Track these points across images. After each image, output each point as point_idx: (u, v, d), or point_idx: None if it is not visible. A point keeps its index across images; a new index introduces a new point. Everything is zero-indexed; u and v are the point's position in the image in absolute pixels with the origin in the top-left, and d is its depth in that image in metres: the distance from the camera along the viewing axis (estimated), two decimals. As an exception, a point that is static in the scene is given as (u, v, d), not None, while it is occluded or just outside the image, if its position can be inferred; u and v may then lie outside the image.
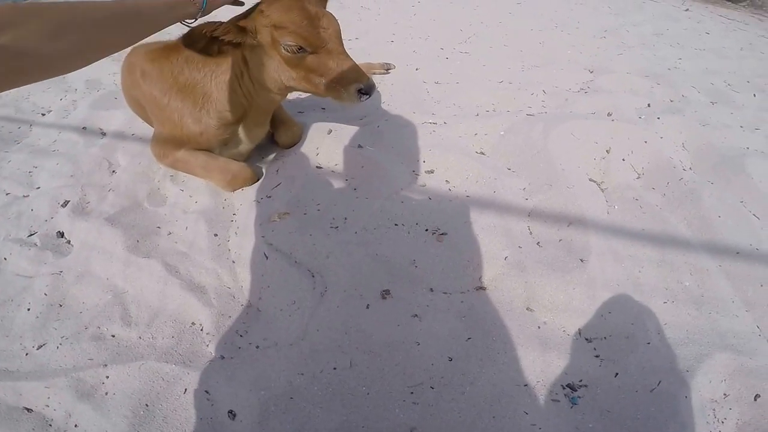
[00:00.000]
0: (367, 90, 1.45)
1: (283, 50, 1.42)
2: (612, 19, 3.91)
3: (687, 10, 4.44)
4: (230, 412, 1.09)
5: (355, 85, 1.44)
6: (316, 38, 1.41)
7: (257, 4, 1.46)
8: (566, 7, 4.37)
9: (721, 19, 4.22)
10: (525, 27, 3.70)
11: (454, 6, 4.52)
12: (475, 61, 2.92)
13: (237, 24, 1.41)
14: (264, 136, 1.92)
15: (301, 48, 1.40)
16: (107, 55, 0.94)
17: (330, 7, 1.60)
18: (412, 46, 3.29)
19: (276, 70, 1.51)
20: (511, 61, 2.89)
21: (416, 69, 2.79)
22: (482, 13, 4.21)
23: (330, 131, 2.02)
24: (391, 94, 2.41)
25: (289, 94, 1.76)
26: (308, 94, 2.20)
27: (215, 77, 1.62)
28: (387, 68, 2.77)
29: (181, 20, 1.21)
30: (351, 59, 1.48)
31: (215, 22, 1.35)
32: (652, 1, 4.77)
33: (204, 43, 1.38)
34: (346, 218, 1.58)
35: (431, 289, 1.33)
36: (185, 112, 1.66)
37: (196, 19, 1.28)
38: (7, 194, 2.04)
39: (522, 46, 3.19)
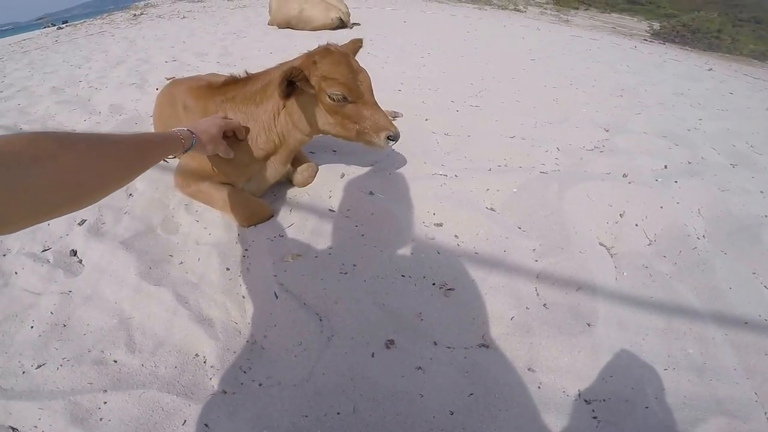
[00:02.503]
0: (394, 137, 1.63)
1: (327, 98, 1.59)
2: (630, 78, 3.91)
3: (710, 69, 4.44)
4: (228, 448, 1.08)
5: (384, 132, 1.62)
6: (357, 90, 1.60)
7: (307, 57, 1.63)
8: (582, 65, 4.42)
9: (746, 78, 4.21)
10: (539, 83, 3.73)
11: (465, 60, 4.62)
12: (487, 115, 2.94)
13: (304, 72, 1.56)
14: (284, 174, 1.99)
15: (344, 97, 1.58)
16: (114, 190, 0.94)
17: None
18: (421, 97, 3.33)
19: (316, 115, 1.67)
20: (523, 117, 2.90)
21: (425, 120, 2.83)
22: (494, 68, 4.28)
23: (342, 175, 2.08)
24: (401, 143, 2.40)
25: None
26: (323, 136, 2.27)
27: (254, 117, 1.74)
28: (394, 116, 2.83)
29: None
30: (382, 110, 1.66)
31: (299, 69, 1.53)
32: (674, 60, 4.80)
33: (285, 85, 1.55)
34: (355, 265, 1.60)
35: (435, 343, 1.33)
36: None
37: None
38: (25, 208, 2.08)
39: (535, 103, 3.21)
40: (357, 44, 1.85)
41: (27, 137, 0.69)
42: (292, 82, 1.56)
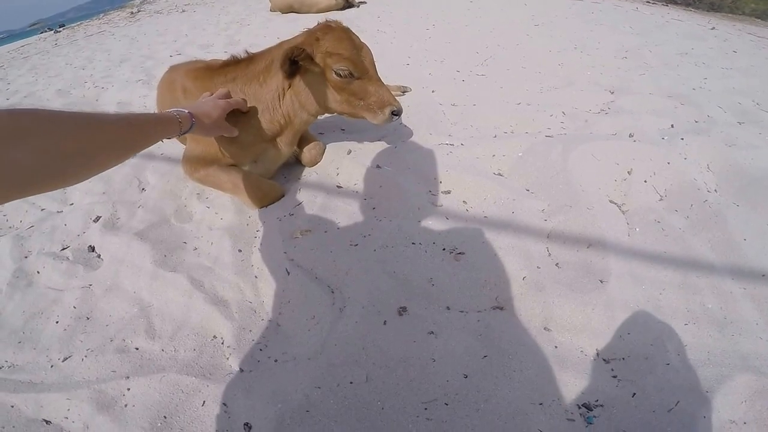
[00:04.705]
0: (398, 112, 1.66)
1: (334, 75, 1.60)
2: (633, 39, 3.80)
3: (713, 28, 4.29)
4: (246, 424, 1.10)
5: (389, 108, 1.65)
6: (362, 65, 1.62)
7: (309, 34, 1.64)
8: (585, 27, 4.31)
9: (750, 37, 4.05)
10: (543, 49, 3.66)
11: (470, 29, 4.56)
12: (492, 83, 2.91)
13: (306, 50, 1.57)
14: (291, 154, 2.00)
15: (351, 73, 1.59)
16: (105, 169, 0.92)
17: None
18: (428, 69, 3.33)
19: (322, 94, 1.68)
20: (529, 83, 2.86)
21: (432, 91, 2.81)
22: (498, 35, 4.22)
23: (349, 152, 2.08)
24: (408, 116, 2.44)
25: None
26: (331, 116, 2.26)
27: (258, 98, 1.73)
28: (403, 91, 2.82)
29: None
30: (385, 85, 1.68)
31: (300, 48, 1.55)
32: (676, 20, 4.64)
33: (287, 64, 1.56)
34: (365, 236, 1.60)
35: (448, 308, 1.33)
36: None
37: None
38: (42, 210, 2.15)
39: (540, 68, 3.16)
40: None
41: (7, 113, 0.67)
42: (295, 61, 1.57)
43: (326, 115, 1.83)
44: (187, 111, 1.37)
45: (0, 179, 0.64)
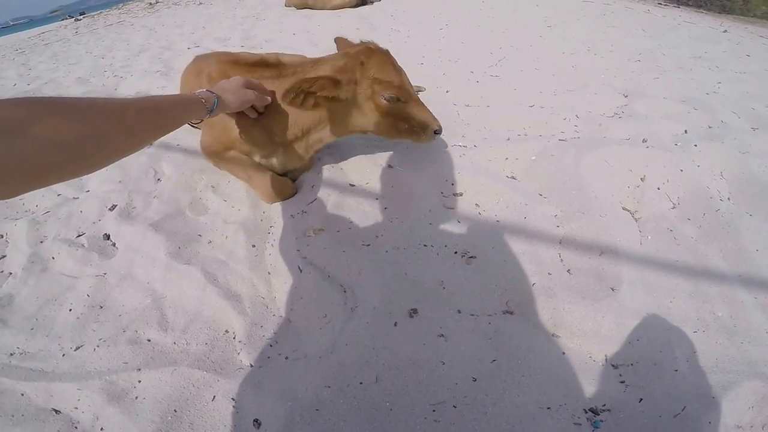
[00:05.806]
0: (439, 131, 1.67)
1: (382, 100, 1.57)
2: (647, 42, 3.78)
3: (725, 31, 4.25)
4: (255, 421, 1.12)
5: (431, 128, 1.65)
6: (408, 91, 1.60)
7: (353, 58, 1.58)
8: (599, 29, 4.28)
9: (762, 40, 4.01)
10: (557, 50, 3.64)
11: (483, 29, 4.54)
12: (506, 84, 2.90)
13: (331, 78, 1.52)
14: (301, 168, 1.98)
15: (398, 98, 1.58)
16: (125, 156, 0.89)
17: (362, 29, 1.70)
18: (442, 69, 3.32)
19: (363, 116, 1.65)
20: (542, 84, 2.85)
21: (446, 91, 2.81)
22: (512, 36, 4.20)
23: (362, 150, 2.08)
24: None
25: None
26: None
27: (276, 108, 1.68)
28: (418, 90, 2.82)
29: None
30: (425, 105, 1.67)
31: (310, 79, 1.48)
32: (688, 23, 4.60)
33: (302, 98, 1.51)
34: (377, 236, 1.61)
35: (458, 311, 1.33)
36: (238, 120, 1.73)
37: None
38: (58, 195, 2.17)
39: (554, 70, 3.14)
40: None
41: (12, 102, 0.66)
42: (311, 92, 1.51)
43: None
44: (206, 90, 1.35)
45: (6, 171, 0.63)
